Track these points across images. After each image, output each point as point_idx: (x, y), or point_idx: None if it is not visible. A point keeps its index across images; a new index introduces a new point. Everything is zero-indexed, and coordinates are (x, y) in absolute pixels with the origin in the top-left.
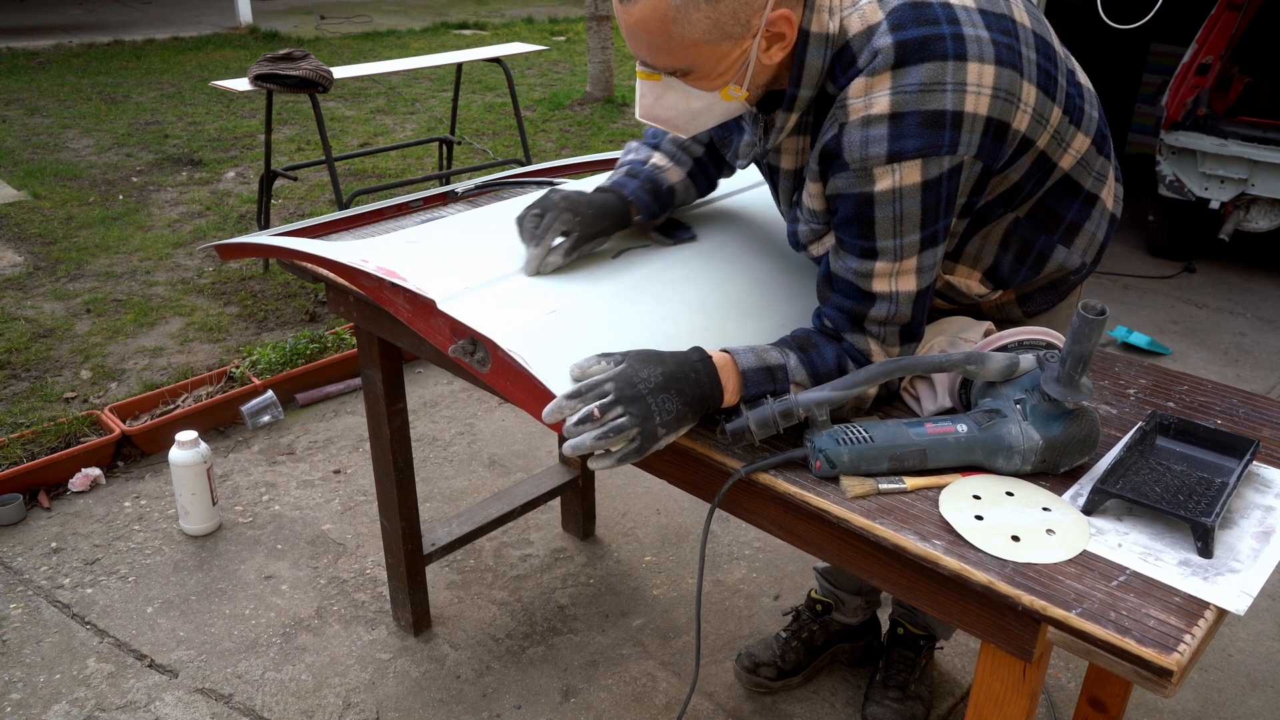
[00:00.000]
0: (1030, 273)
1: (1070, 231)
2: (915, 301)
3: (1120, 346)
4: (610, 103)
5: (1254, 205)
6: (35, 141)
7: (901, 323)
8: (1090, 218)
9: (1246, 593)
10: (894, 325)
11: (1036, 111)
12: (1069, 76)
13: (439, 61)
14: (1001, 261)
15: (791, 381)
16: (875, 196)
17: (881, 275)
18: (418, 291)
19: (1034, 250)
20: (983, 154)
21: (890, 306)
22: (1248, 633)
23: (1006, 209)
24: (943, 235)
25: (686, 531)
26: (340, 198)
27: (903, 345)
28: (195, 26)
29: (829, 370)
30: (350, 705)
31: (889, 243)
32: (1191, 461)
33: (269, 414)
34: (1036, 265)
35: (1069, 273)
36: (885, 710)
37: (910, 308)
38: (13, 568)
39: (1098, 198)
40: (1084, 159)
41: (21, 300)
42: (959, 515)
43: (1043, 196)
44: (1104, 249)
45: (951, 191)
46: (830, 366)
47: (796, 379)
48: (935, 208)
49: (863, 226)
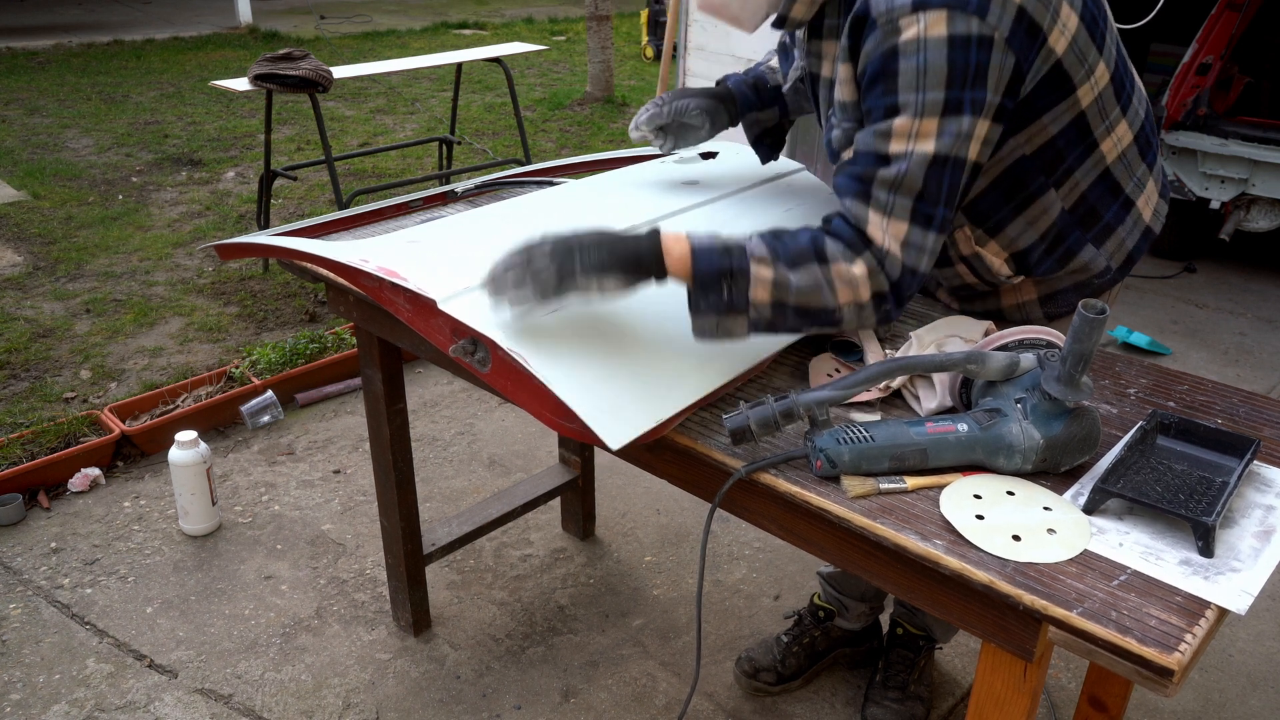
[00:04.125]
0: (1055, 265)
1: (1104, 234)
2: (930, 169)
3: (1120, 346)
4: (610, 102)
5: (1254, 205)
6: (35, 141)
7: (912, 191)
8: (1124, 223)
9: (1247, 592)
10: (904, 195)
11: (1076, 45)
12: (1121, 54)
13: (439, 61)
14: (1034, 249)
15: (752, 257)
16: (900, 47)
17: (900, 134)
18: (418, 291)
19: (1065, 244)
20: (1014, 43)
21: (902, 166)
22: (1248, 633)
23: (1048, 178)
24: (969, 110)
25: (686, 531)
26: (340, 198)
27: (911, 225)
28: (195, 26)
29: (799, 249)
30: (350, 705)
31: (910, 96)
32: (1192, 461)
33: (269, 414)
34: (1063, 259)
35: (1093, 275)
36: (885, 711)
37: (923, 173)
38: (12, 568)
39: (1134, 205)
40: (1126, 156)
41: (21, 300)
42: (960, 515)
43: (1086, 190)
44: (1132, 261)
45: (980, 66)
46: (801, 245)
47: (757, 254)
48: (963, 71)
49: (886, 82)
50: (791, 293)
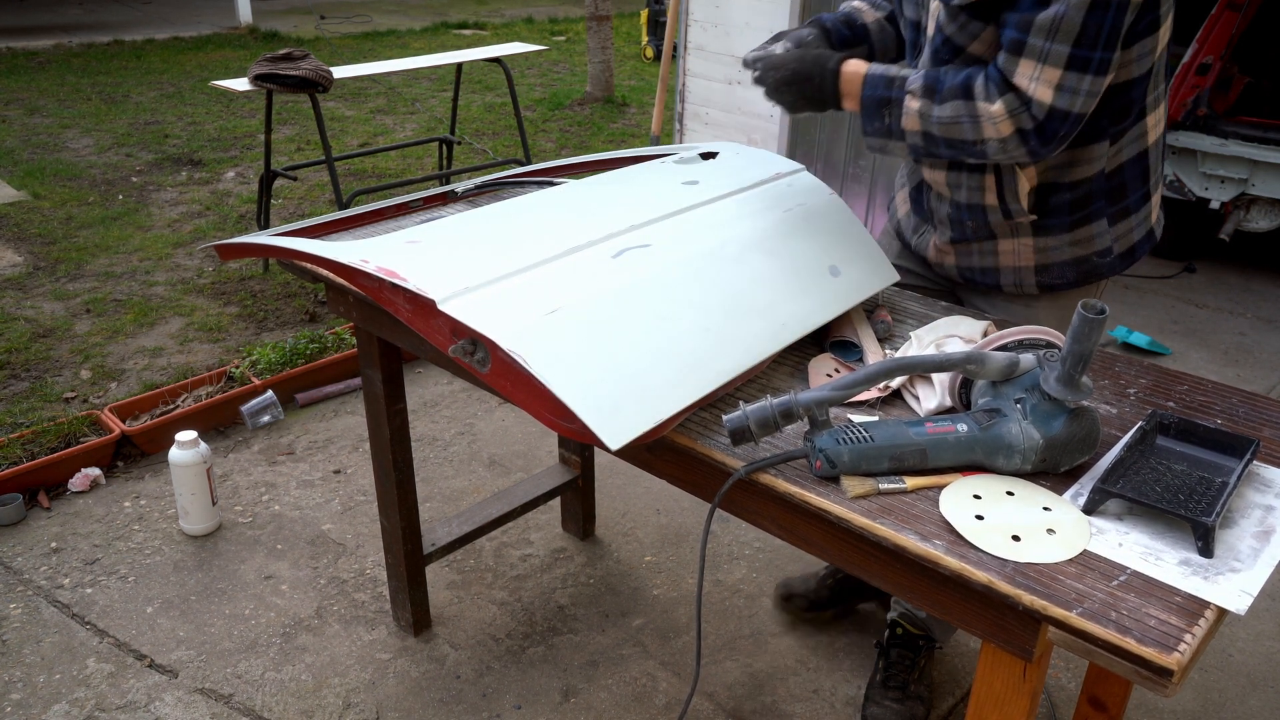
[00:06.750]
0: (1066, 224)
1: (1120, 215)
2: (1090, 11)
3: (1120, 346)
4: (610, 102)
5: (1254, 205)
6: (35, 141)
7: (1070, 34)
8: (1138, 213)
9: (1247, 592)
10: (1061, 40)
11: None
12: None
13: (439, 61)
14: (1060, 193)
15: (906, 91)
16: None
17: None
18: (418, 291)
19: (1087, 208)
20: None
21: (1061, 8)
22: (1248, 633)
23: (1110, 125)
24: None
25: (686, 531)
26: (340, 198)
27: (1066, 70)
28: (195, 26)
29: (952, 86)
30: (350, 705)
31: None
32: (1192, 461)
33: (269, 414)
34: (1076, 222)
35: (1094, 252)
36: (885, 710)
37: (1082, 16)
38: (13, 568)
39: (1151, 199)
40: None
41: (21, 300)
42: (959, 515)
43: (1125, 162)
44: (1133, 256)
45: None
46: (955, 83)
47: (911, 88)
48: None
49: None
50: (935, 124)
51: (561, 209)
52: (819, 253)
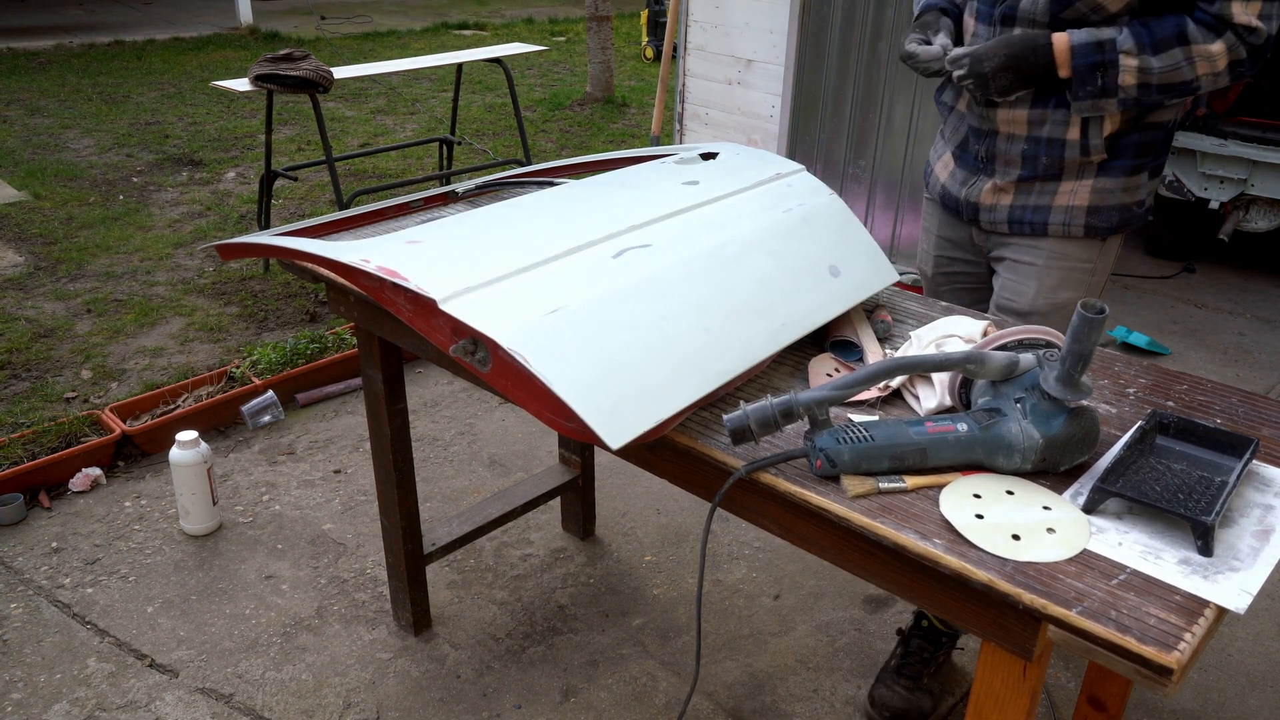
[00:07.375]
0: (1126, 169)
1: (1157, 170)
2: None
3: (1120, 346)
4: (610, 103)
5: (1253, 205)
6: (36, 142)
7: None
8: (1157, 178)
9: (1246, 591)
10: None
11: None
12: None
13: (439, 62)
14: (1131, 139)
15: (1120, 50)
16: None
17: None
18: (419, 291)
19: (1145, 157)
20: None
21: None
22: (1247, 632)
23: None
24: None
25: (686, 531)
26: (340, 198)
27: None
28: (195, 27)
29: (1165, 37)
30: (350, 705)
31: None
32: (1191, 460)
33: (269, 414)
34: (1133, 169)
35: (1134, 202)
36: (893, 695)
37: None
38: (13, 568)
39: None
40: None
41: (22, 300)
42: (959, 514)
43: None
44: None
45: None
46: (1168, 33)
47: (1124, 47)
48: None
49: None
50: (1155, 75)
51: (562, 209)
52: (819, 253)
